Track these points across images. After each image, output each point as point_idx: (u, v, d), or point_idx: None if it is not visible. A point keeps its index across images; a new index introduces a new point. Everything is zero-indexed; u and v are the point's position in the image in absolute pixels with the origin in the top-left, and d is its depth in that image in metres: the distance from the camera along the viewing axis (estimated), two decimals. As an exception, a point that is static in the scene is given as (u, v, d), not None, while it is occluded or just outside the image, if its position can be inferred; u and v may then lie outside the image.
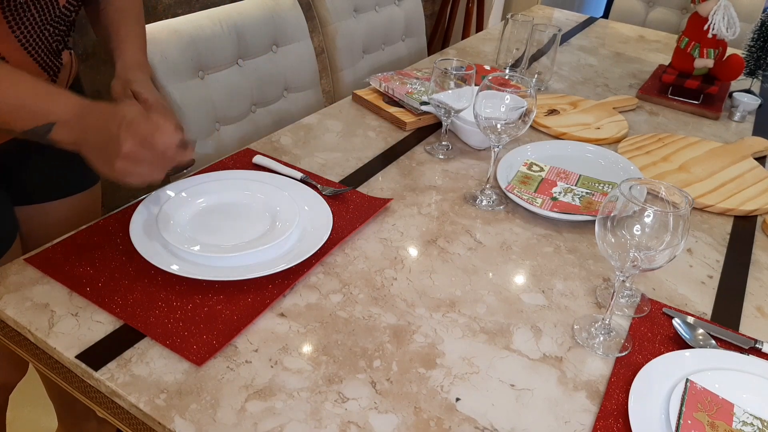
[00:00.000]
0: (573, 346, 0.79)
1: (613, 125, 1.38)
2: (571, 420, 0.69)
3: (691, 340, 0.79)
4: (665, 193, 0.75)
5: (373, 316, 0.80)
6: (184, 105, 1.25)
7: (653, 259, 0.71)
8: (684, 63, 1.56)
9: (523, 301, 0.85)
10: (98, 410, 0.74)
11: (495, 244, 0.96)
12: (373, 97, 1.37)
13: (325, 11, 1.67)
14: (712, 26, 1.48)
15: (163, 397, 0.66)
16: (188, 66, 1.26)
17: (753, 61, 1.58)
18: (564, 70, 1.73)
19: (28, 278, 0.80)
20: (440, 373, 0.73)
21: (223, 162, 1.09)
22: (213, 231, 0.90)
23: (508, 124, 0.99)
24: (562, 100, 1.49)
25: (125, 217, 0.91)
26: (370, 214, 0.98)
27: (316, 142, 1.21)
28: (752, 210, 1.11)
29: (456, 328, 0.79)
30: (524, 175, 1.13)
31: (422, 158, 1.19)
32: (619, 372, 0.75)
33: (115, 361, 0.70)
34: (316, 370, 0.72)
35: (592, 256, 0.96)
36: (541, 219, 1.04)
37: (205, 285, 0.81)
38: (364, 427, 0.66)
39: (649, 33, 2.16)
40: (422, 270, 0.89)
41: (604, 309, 0.86)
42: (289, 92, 1.53)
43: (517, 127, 0.99)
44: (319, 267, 0.87)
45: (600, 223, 0.73)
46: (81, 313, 0.76)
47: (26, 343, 0.77)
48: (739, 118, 1.52)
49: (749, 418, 0.68)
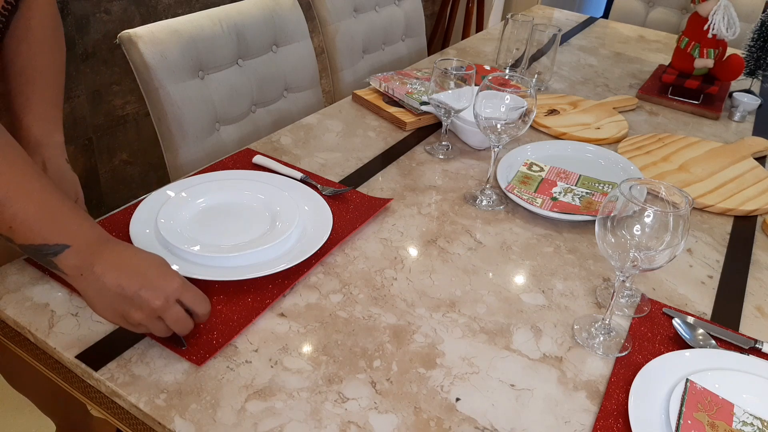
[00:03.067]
0: (573, 346, 0.79)
1: (613, 125, 1.38)
2: (571, 420, 0.69)
3: (691, 340, 0.79)
4: (665, 193, 0.75)
5: (373, 316, 0.80)
6: (184, 105, 1.25)
7: (653, 259, 0.71)
8: (684, 63, 1.56)
9: (523, 301, 0.85)
10: (99, 411, 0.74)
11: (495, 244, 0.96)
12: (373, 97, 1.37)
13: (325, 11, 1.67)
14: (712, 26, 1.48)
15: (163, 397, 0.66)
16: (188, 66, 1.26)
17: (753, 61, 1.57)
18: (564, 70, 1.73)
19: (28, 278, 0.80)
20: (440, 373, 0.73)
21: (223, 162, 1.09)
22: (213, 231, 0.89)
23: (508, 124, 0.99)
24: (562, 100, 1.49)
25: (125, 217, 0.91)
26: (370, 214, 0.98)
27: (316, 142, 1.21)
28: (752, 210, 1.11)
29: (456, 328, 0.79)
30: (524, 175, 1.13)
31: (422, 158, 1.19)
32: (619, 372, 0.75)
33: (115, 361, 0.70)
34: (316, 370, 0.72)
35: (592, 256, 0.96)
36: (541, 219, 1.04)
37: (205, 285, 0.81)
38: (364, 427, 0.66)
39: (649, 33, 2.16)
40: (422, 270, 0.89)
41: (604, 309, 0.86)
42: (289, 92, 1.53)
43: (517, 127, 0.99)
44: (319, 267, 0.87)
45: (600, 223, 0.73)
46: (81, 313, 0.76)
47: (26, 343, 0.77)
48: (739, 118, 1.52)
49: (749, 418, 0.68)
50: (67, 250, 0.67)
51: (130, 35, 1.19)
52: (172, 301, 0.68)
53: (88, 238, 0.68)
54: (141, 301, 0.66)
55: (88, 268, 0.67)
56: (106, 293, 0.67)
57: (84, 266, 0.67)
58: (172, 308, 0.68)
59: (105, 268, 0.67)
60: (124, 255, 0.69)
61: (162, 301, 0.67)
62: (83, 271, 0.67)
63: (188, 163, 1.28)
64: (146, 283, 0.67)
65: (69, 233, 0.67)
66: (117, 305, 0.67)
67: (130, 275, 0.67)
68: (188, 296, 0.69)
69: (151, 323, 0.68)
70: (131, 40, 1.18)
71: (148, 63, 1.19)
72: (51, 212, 0.67)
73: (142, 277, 0.67)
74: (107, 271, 0.67)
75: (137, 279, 0.67)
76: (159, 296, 0.67)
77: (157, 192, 0.95)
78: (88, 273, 0.67)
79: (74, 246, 0.67)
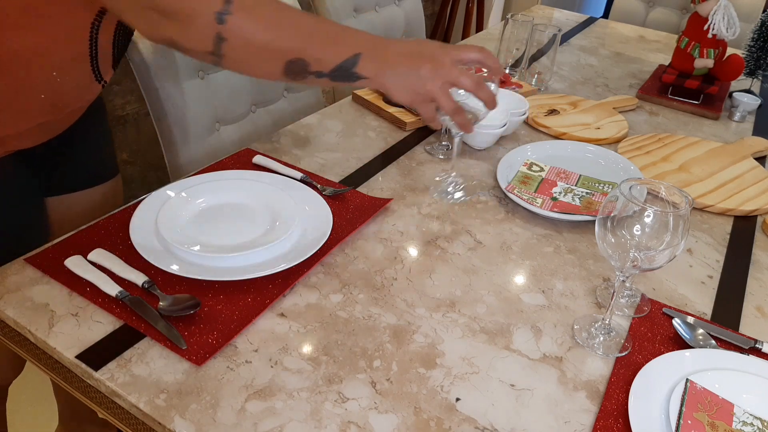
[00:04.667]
0: (573, 346, 0.79)
1: (613, 125, 1.38)
2: (571, 420, 0.69)
3: (691, 340, 0.79)
4: (665, 193, 0.75)
5: (373, 316, 0.80)
6: (184, 105, 1.25)
7: (653, 259, 0.71)
8: (684, 63, 1.56)
9: (523, 301, 0.85)
10: (99, 411, 0.74)
11: (495, 244, 0.96)
12: (373, 96, 1.37)
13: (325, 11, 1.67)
14: (712, 26, 1.48)
15: (163, 397, 0.66)
16: (188, 66, 1.26)
17: (753, 61, 1.57)
18: (564, 70, 1.73)
19: (28, 278, 0.80)
20: (440, 373, 0.73)
21: (223, 162, 1.09)
22: (213, 231, 0.89)
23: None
24: (562, 100, 1.49)
25: (125, 217, 0.91)
26: (370, 214, 0.98)
27: (316, 142, 1.21)
28: (752, 210, 1.11)
29: (456, 328, 0.79)
30: (524, 175, 1.13)
31: (422, 158, 1.19)
32: (619, 372, 0.75)
33: (115, 361, 0.70)
34: (316, 370, 0.72)
35: (592, 256, 0.96)
36: (541, 219, 1.04)
37: (205, 285, 0.81)
38: (364, 427, 0.66)
39: (649, 33, 2.16)
40: (422, 270, 0.89)
41: (604, 309, 0.86)
42: (289, 92, 1.53)
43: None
44: (319, 267, 0.87)
45: (600, 223, 0.73)
46: (81, 313, 0.76)
47: (26, 343, 0.77)
48: (739, 118, 1.52)
49: (749, 418, 0.68)
50: (360, 57, 0.81)
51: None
52: (455, 64, 0.84)
53: (367, 42, 0.82)
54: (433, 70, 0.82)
55: (383, 63, 0.82)
56: (404, 78, 0.83)
57: (377, 65, 0.82)
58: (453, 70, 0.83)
59: (396, 59, 0.83)
60: (404, 45, 0.84)
61: (449, 63, 0.83)
62: (380, 69, 0.82)
63: (188, 163, 1.28)
64: (431, 58, 0.83)
65: (354, 44, 0.81)
66: (414, 85, 0.83)
67: (415, 57, 0.83)
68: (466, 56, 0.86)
69: (442, 92, 0.83)
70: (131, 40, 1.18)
71: (148, 63, 1.19)
72: (333, 34, 0.82)
73: (428, 55, 0.83)
74: (399, 60, 0.82)
75: (422, 58, 0.83)
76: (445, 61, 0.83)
77: (157, 192, 0.95)
78: (384, 67, 0.82)
79: (365, 53, 0.81)
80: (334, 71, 0.81)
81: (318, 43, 0.80)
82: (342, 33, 0.83)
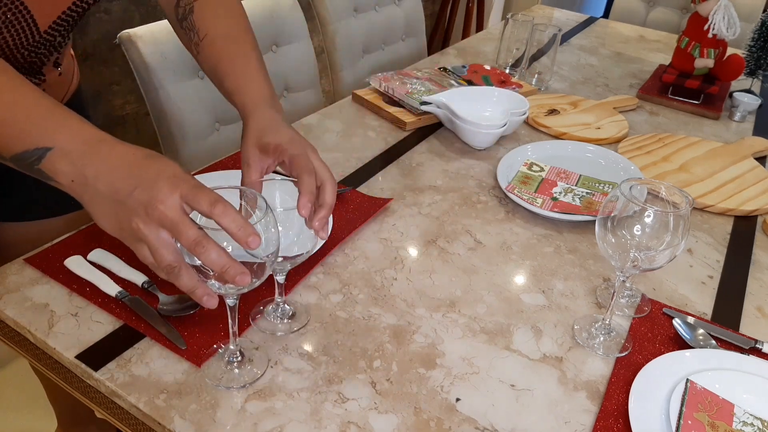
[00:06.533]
0: (573, 346, 0.79)
1: (613, 125, 1.38)
2: (571, 420, 0.69)
3: (691, 340, 0.79)
4: (665, 193, 0.75)
5: (373, 316, 0.80)
6: (184, 105, 1.25)
7: (653, 259, 0.71)
8: (684, 63, 1.56)
9: (523, 301, 0.85)
10: (99, 411, 0.74)
11: (495, 244, 0.96)
12: (373, 97, 1.37)
13: (325, 11, 1.67)
14: (713, 26, 1.48)
15: (162, 398, 0.66)
16: (188, 66, 1.26)
17: (753, 61, 1.57)
18: (564, 70, 1.73)
19: (27, 278, 0.80)
20: (440, 373, 0.73)
21: (223, 162, 1.09)
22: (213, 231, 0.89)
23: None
24: (562, 100, 1.49)
25: (125, 217, 0.91)
26: (370, 214, 0.98)
27: (316, 142, 1.21)
28: (752, 210, 1.11)
29: (456, 328, 0.79)
30: (524, 175, 1.13)
31: (422, 158, 1.19)
32: (619, 372, 0.75)
33: (114, 361, 0.70)
34: (316, 370, 0.72)
35: (592, 256, 0.96)
36: (542, 219, 1.04)
37: (205, 285, 0.80)
38: (364, 427, 0.66)
39: (650, 33, 2.16)
40: (422, 270, 0.89)
41: (604, 309, 0.85)
42: (289, 92, 1.53)
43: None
44: (319, 267, 0.87)
45: (600, 224, 0.73)
46: (81, 313, 0.76)
47: (26, 343, 0.77)
48: (740, 118, 1.52)
49: (749, 419, 0.68)
50: (49, 153, 0.57)
51: (129, 35, 1.19)
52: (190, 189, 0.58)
53: (74, 137, 0.59)
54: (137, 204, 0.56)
55: (80, 172, 0.57)
56: (103, 201, 0.57)
57: (75, 171, 0.57)
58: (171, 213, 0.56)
59: (98, 171, 0.57)
60: (119, 153, 0.58)
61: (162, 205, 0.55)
62: (74, 177, 0.58)
63: (188, 163, 1.28)
64: (142, 182, 0.56)
65: (49, 134, 0.57)
66: (118, 214, 0.57)
67: (123, 176, 0.57)
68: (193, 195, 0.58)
69: (154, 236, 0.57)
70: (131, 40, 1.18)
71: (148, 63, 1.19)
72: (26, 114, 0.58)
73: (137, 177, 0.56)
74: (100, 175, 0.57)
75: (131, 179, 0.56)
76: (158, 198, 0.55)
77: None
78: (80, 178, 0.57)
79: (57, 147, 0.57)
80: (16, 159, 0.59)
81: (5, 120, 0.58)
82: (47, 119, 0.59)
